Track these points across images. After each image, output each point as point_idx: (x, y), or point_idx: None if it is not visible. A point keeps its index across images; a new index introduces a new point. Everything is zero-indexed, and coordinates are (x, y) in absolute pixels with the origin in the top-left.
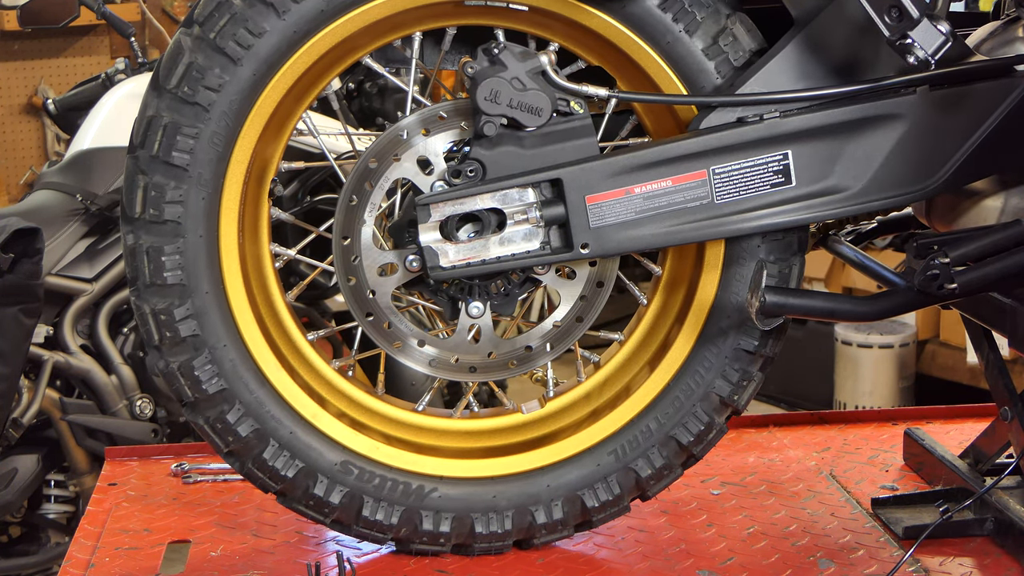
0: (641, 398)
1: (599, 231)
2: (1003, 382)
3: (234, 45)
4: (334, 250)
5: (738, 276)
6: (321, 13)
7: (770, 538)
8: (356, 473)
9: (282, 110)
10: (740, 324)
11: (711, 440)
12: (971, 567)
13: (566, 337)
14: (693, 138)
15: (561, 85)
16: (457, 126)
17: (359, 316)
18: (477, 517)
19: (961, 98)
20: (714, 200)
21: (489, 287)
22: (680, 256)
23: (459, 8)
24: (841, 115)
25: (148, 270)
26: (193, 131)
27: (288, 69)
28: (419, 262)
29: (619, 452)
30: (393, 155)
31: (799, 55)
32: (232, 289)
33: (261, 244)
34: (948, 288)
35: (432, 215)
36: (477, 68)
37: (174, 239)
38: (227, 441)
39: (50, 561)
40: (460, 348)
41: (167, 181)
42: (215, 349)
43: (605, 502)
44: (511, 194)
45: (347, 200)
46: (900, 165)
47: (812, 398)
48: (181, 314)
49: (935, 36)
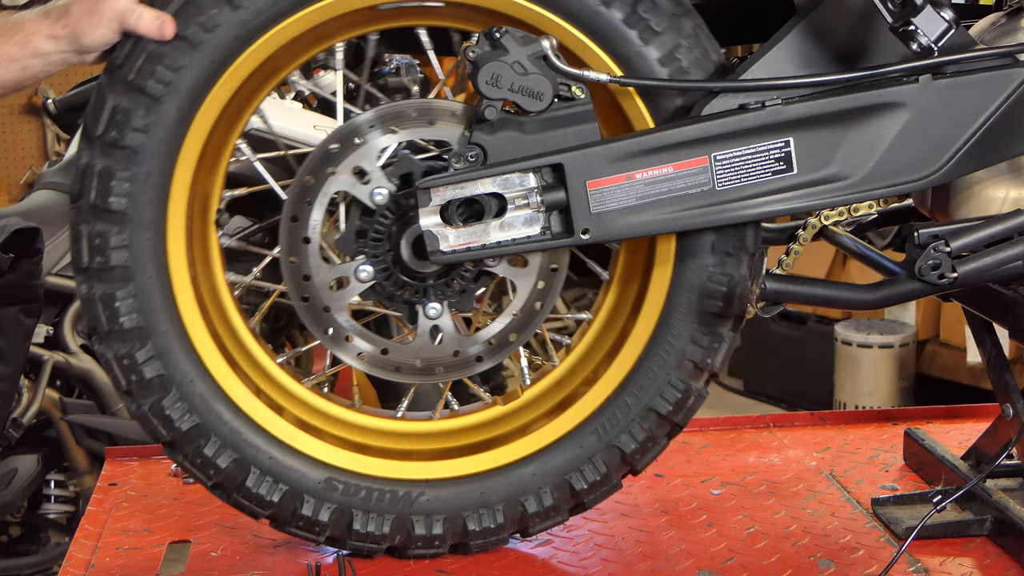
0: (615, 375)
1: (600, 216)
2: (1004, 378)
3: (154, 84)
4: (283, 271)
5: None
6: (236, 39)
7: (770, 538)
8: (341, 488)
9: (214, 140)
10: (702, 289)
11: (691, 407)
12: (971, 567)
13: (529, 323)
14: (695, 124)
15: (563, 70)
16: (388, 130)
17: (318, 333)
18: (468, 515)
19: (964, 87)
20: (715, 187)
21: (444, 286)
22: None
23: (376, 13)
24: (843, 103)
25: (105, 317)
26: (127, 175)
27: (212, 99)
28: (367, 273)
29: (600, 431)
30: (328, 169)
31: (802, 42)
32: (191, 324)
33: (215, 275)
34: (949, 277)
35: (432, 199)
36: (479, 52)
37: (125, 284)
38: (209, 475)
39: (50, 561)
40: (424, 351)
41: (109, 228)
42: (183, 386)
43: (594, 482)
44: (512, 179)
45: (289, 220)
46: (902, 154)
47: (812, 398)
48: (143, 356)
49: (938, 23)
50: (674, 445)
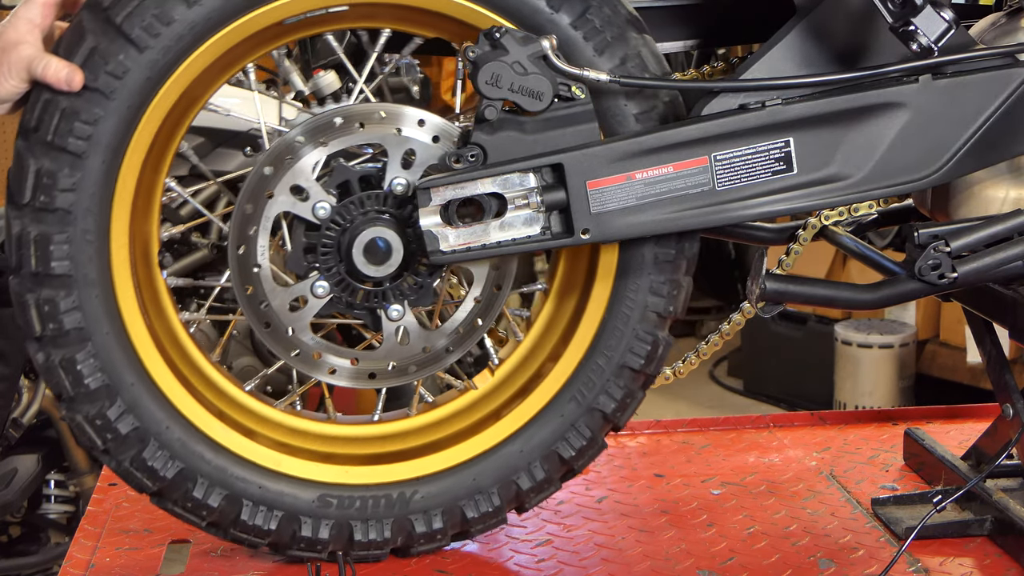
0: (582, 339)
1: (600, 216)
2: (1004, 378)
3: (75, 140)
4: (240, 302)
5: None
6: (148, 80)
7: (770, 538)
8: (336, 503)
9: (144, 183)
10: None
11: (661, 356)
12: (971, 567)
13: (492, 306)
14: (695, 124)
15: (563, 70)
16: (317, 144)
17: (285, 356)
18: (465, 504)
19: (964, 87)
20: (715, 187)
21: (401, 286)
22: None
23: (283, 28)
24: (843, 103)
25: (69, 382)
26: (64, 237)
27: (135, 144)
28: (324, 288)
29: (579, 397)
30: (266, 193)
31: (802, 42)
32: (156, 372)
33: (169, 318)
34: (949, 277)
35: (433, 199)
36: (478, 52)
37: (83, 345)
38: (202, 516)
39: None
40: (394, 353)
41: (56, 292)
42: (160, 434)
43: (581, 448)
44: (512, 179)
45: (236, 250)
46: (902, 154)
47: (812, 398)
48: (116, 413)
49: (938, 23)
50: (674, 445)
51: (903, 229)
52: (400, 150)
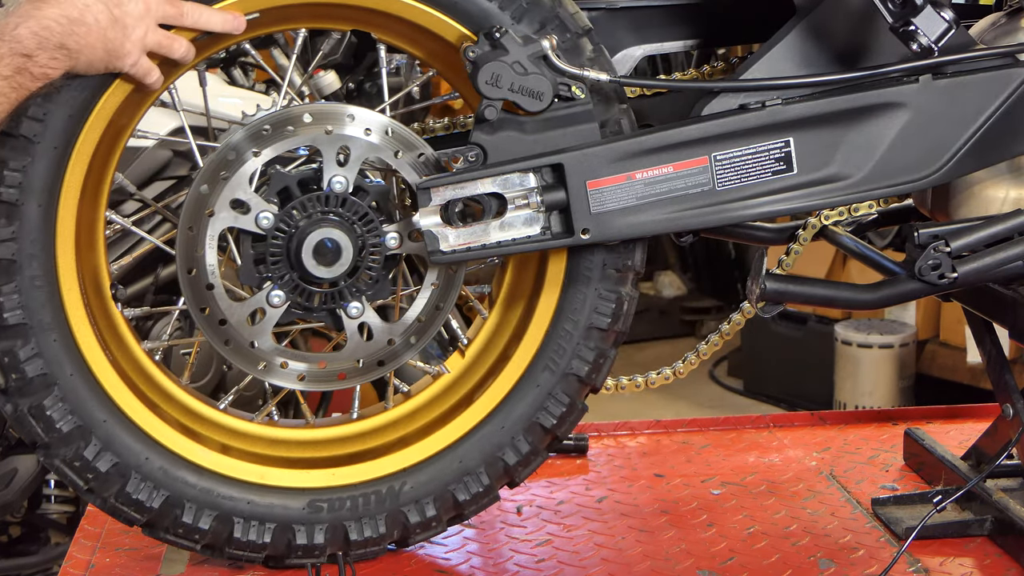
0: (546, 308)
1: (600, 217)
2: (1004, 378)
3: (7, 190)
4: (198, 323)
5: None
6: (70, 119)
7: (770, 538)
8: (326, 507)
9: (84, 220)
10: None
11: (628, 311)
12: (971, 567)
13: (450, 288)
14: (695, 124)
15: (563, 70)
16: (251, 154)
17: (252, 370)
18: (455, 487)
19: (964, 87)
20: (715, 187)
21: (356, 282)
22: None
23: (199, 45)
24: (843, 103)
25: (41, 429)
26: (12, 287)
27: (69, 183)
28: (279, 296)
29: (551, 365)
30: (206, 212)
31: (802, 42)
32: (127, 405)
33: (131, 349)
34: (949, 277)
35: (433, 199)
36: (478, 52)
37: (48, 390)
38: (196, 540)
39: (50, 561)
40: (359, 350)
41: (13, 343)
42: (140, 466)
43: (561, 415)
44: (512, 179)
45: (186, 273)
46: (902, 154)
47: (812, 398)
48: (93, 452)
49: (938, 23)
50: (674, 445)
51: (903, 229)
52: (333, 148)
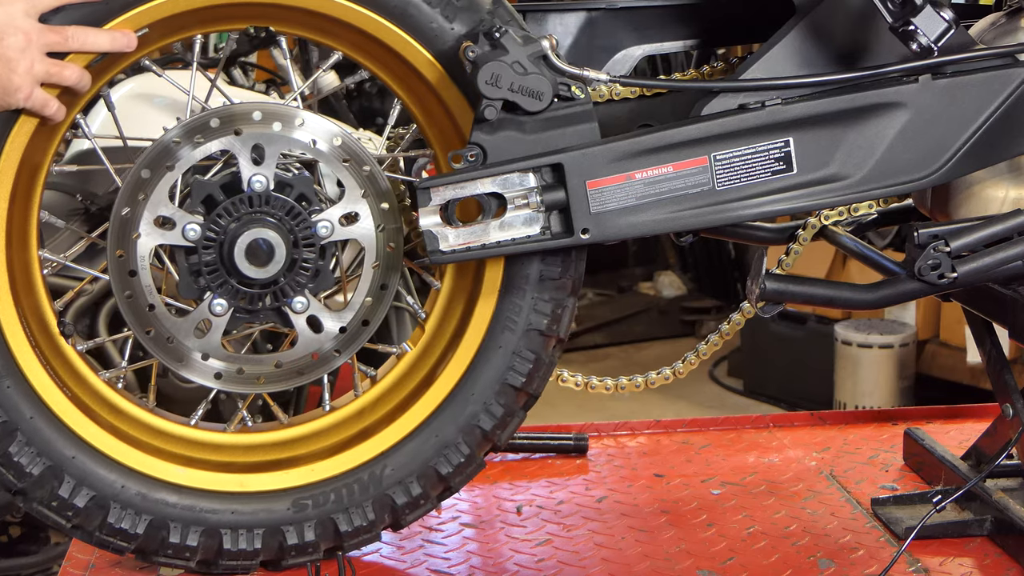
0: (495, 273)
1: (600, 216)
2: (1004, 378)
3: None
4: (146, 346)
5: None
6: None
7: (770, 538)
8: (311, 503)
9: (16, 263)
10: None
11: (576, 260)
12: (971, 567)
13: (394, 265)
14: (694, 124)
15: (563, 69)
16: (165, 169)
17: (211, 382)
18: (437, 462)
19: (963, 87)
20: (715, 187)
21: (295, 278)
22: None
23: (102, 66)
24: (843, 103)
25: (13, 476)
26: None
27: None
28: (222, 305)
29: (510, 324)
30: (133, 235)
31: (801, 42)
32: (94, 438)
33: (89, 381)
34: (948, 277)
35: (432, 199)
36: (478, 52)
37: (10, 437)
38: (187, 558)
39: (50, 561)
40: (313, 344)
41: None
42: (118, 496)
43: (529, 372)
44: (512, 179)
45: (124, 297)
46: (902, 153)
47: (812, 398)
48: (68, 490)
49: (938, 23)
50: (674, 445)
51: (903, 229)
52: (246, 149)
